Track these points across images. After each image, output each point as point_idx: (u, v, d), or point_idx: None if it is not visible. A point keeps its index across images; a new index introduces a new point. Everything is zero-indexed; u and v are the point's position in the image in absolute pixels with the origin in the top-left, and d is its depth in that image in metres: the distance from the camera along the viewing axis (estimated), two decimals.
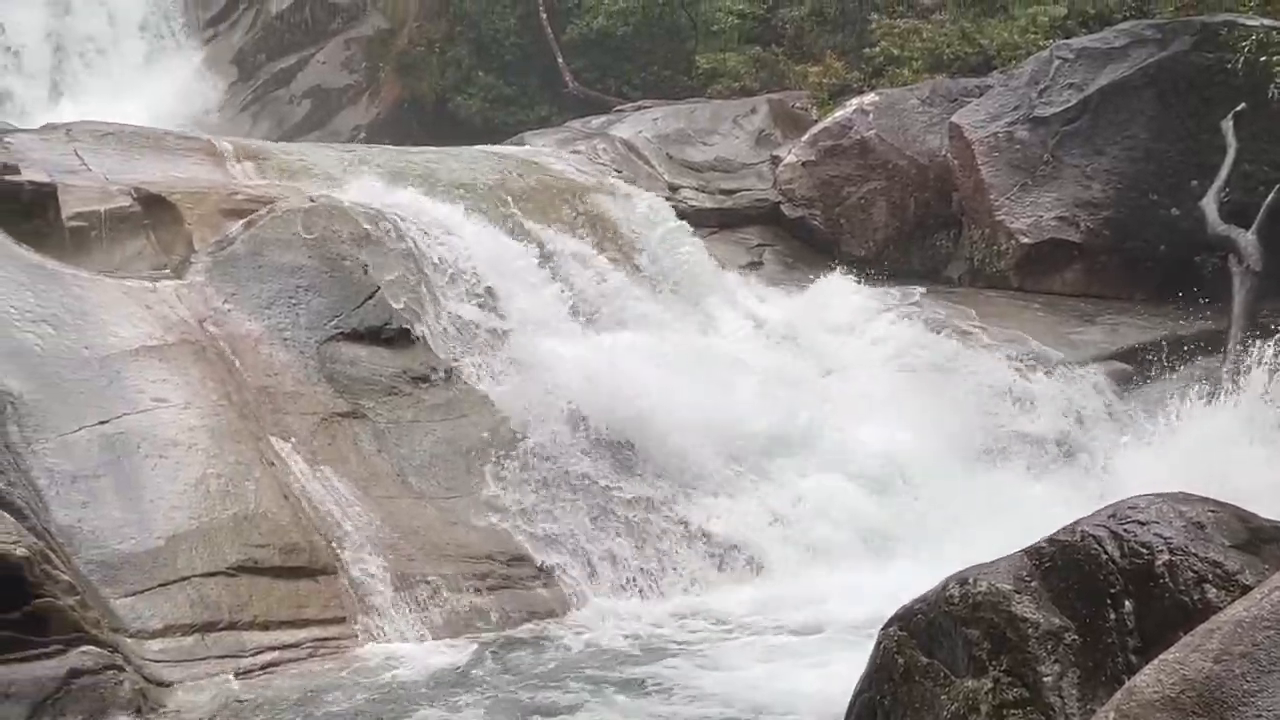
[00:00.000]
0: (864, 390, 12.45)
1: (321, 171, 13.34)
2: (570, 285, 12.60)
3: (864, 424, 11.90)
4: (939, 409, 12.10)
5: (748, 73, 20.72)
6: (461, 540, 9.78)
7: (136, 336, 9.96)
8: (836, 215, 15.90)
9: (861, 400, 12.24)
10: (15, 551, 6.98)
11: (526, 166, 15.01)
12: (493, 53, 26.27)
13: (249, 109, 27.54)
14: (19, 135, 12.85)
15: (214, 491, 8.98)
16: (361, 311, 11.15)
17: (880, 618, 5.29)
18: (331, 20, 28.47)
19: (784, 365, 12.67)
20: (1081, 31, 16.56)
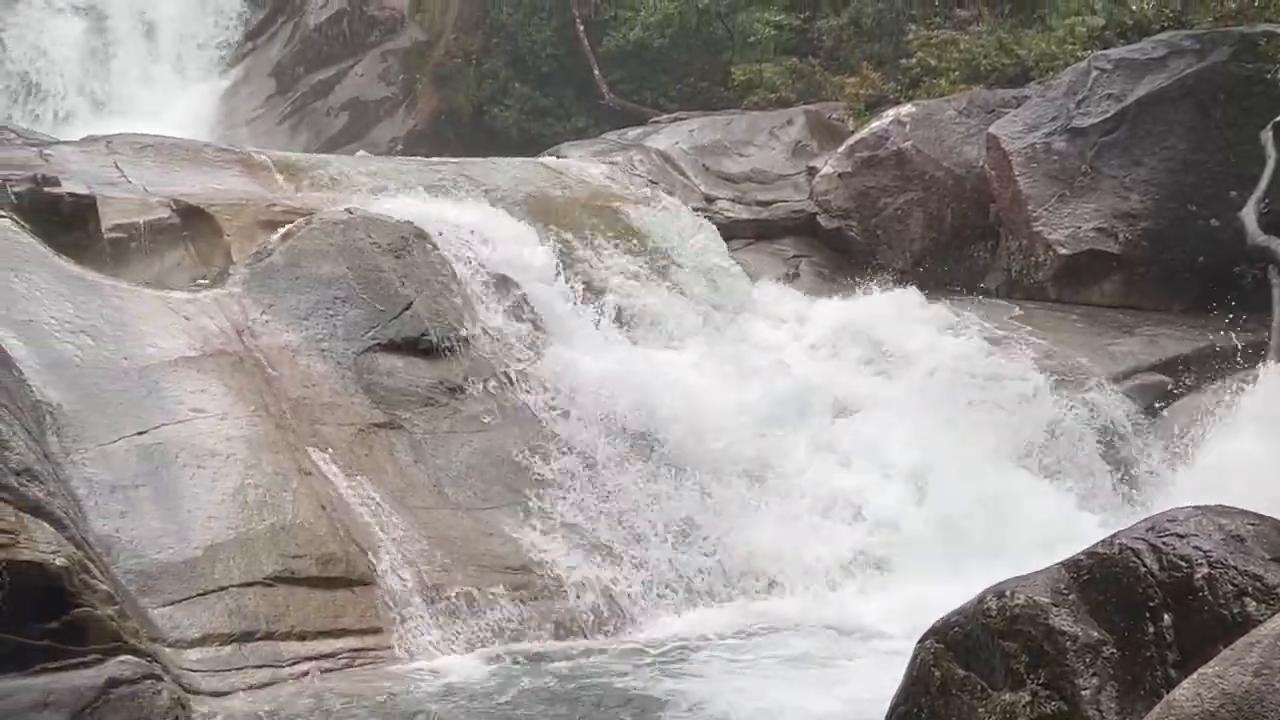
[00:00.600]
0: (901, 401, 12.38)
1: (359, 183, 13.38)
2: (606, 296, 12.61)
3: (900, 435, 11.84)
4: (975, 419, 12.04)
5: (784, 84, 20.70)
6: (498, 551, 9.78)
7: (175, 347, 10.00)
8: (873, 226, 15.88)
9: (898, 411, 12.18)
10: (54, 561, 7.01)
11: (563, 178, 15.03)
12: (529, 64, 26.33)
13: (287, 121, 27.67)
14: (59, 147, 12.94)
15: (251, 502, 9.00)
16: (398, 322, 11.18)
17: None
18: (369, 33, 28.59)
19: (821, 376, 12.63)
20: (1119, 42, 16.47)
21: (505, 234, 12.60)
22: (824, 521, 10.98)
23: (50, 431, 8.69)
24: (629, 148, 17.32)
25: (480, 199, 13.27)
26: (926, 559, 10.56)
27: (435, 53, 27.95)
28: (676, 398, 11.36)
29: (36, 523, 7.16)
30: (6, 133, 13.07)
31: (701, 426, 11.21)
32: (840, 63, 20.62)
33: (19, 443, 7.68)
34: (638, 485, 10.74)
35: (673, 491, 10.79)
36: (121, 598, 7.62)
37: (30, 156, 12.21)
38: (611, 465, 10.81)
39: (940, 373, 12.71)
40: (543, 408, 11.12)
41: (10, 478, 7.23)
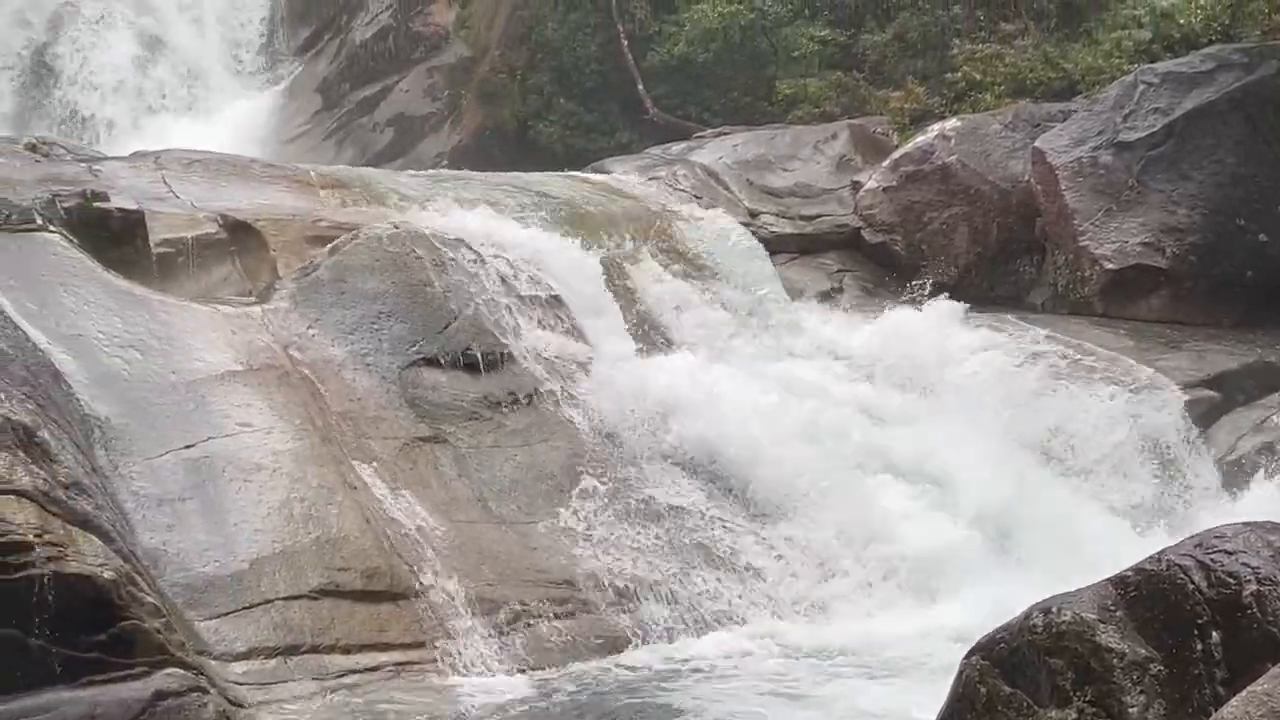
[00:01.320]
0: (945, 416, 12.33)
1: (404, 198, 13.43)
2: (650, 311, 12.62)
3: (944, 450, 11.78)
4: (1022, 435, 11.99)
5: (828, 98, 20.67)
6: (541, 565, 9.79)
7: (222, 362, 10.07)
8: (918, 241, 15.83)
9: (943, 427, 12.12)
10: (102, 574, 7.06)
11: (607, 193, 15.06)
12: (573, 80, 26.39)
13: (333, 136, 27.82)
14: (108, 163, 13.04)
15: (297, 515, 9.04)
16: (443, 337, 11.21)
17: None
18: (414, 49, 28.72)
19: (865, 391, 12.59)
20: (1166, 56, 16.38)
21: (549, 249, 12.64)
22: (869, 539, 10.91)
23: (98, 445, 8.76)
24: (673, 162, 17.32)
25: (525, 214, 13.30)
26: (973, 576, 10.49)
27: (480, 68, 28.05)
28: (720, 414, 11.34)
29: (85, 536, 7.22)
30: (56, 148, 13.17)
31: (743, 442, 11.18)
32: (885, 77, 20.58)
33: (68, 456, 7.75)
34: (679, 500, 10.72)
35: (717, 508, 10.76)
36: (168, 610, 7.67)
37: (80, 172, 12.30)
38: (654, 480, 10.81)
39: (986, 388, 12.65)
40: (585, 423, 11.13)
41: (59, 491, 7.29)
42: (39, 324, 9.36)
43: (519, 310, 11.84)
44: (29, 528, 6.86)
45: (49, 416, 7.97)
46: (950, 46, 19.39)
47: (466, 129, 27.61)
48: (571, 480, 10.59)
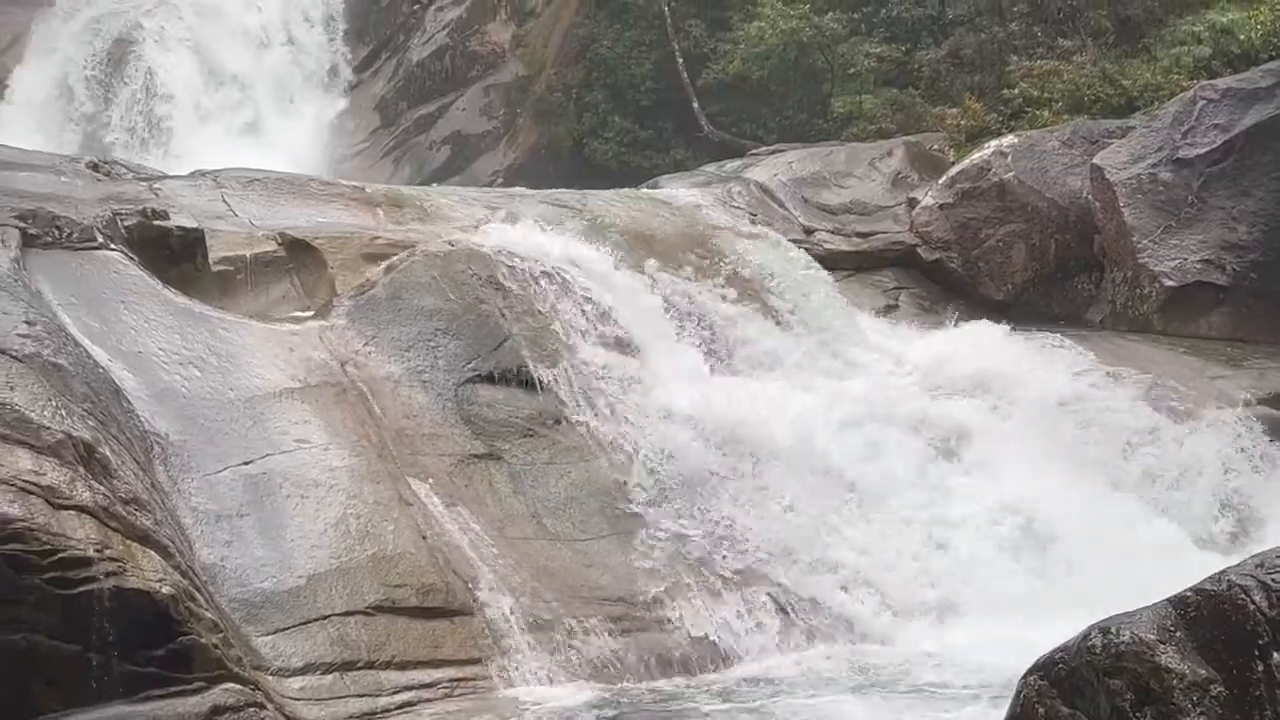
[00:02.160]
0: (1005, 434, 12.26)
1: (460, 216, 13.50)
2: (705, 329, 12.62)
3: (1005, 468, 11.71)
4: (1082, 452, 11.91)
5: (884, 115, 20.63)
6: (596, 582, 9.79)
7: (280, 378, 10.13)
8: (974, 258, 15.78)
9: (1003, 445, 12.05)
10: (161, 590, 7.12)
11: (662, 210, 15.07)
12: (629, 98, 26.46)
13: (390, 155, 28.00)
14: (168, 181, 13.17)
15: (353, 531, 9.08)
16: (498, 354, 11.26)
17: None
18: (471, 68, 28.89)
19: (922, 409, 12.52)
20: (1226, 72, 16.27)
21: (605, 266, 12.67)
22: (928, 557, 10.85)
23: (158, 461, 8.83)
24: (728, 180, 17.33)
25: (580, 231, 13.33)
26: (1032, 593, 10.42)
27: (536, 87, 28.18)
28: (776, 431, 11.31)
29: (144, 551, 7.29)
30: (118, 167, 13.33)
31: (802, 460, 11.14)
32: (941, 94, 20.53)
33: (127, 472, 7.82)
34: (738, 520, 10.69)
35: (774, 528, 10.72)
36: (226, 626, 7.72)
37: (140, 190, 12.44)
38: (711, 498, 10.78)
39: (1045, 406, 12.57)
40: (642, 440, 11.13)
41: (119, 506, 7.36)
42: (100, 341, 9.46)
43: (573, 327, 11.86)
44: (89, 543, 6.93)
45: (109, 433, 8.05)
46: (1007, 63, 19.33)
47: (522, 147, 27.74)
48: (626, 497, 10.58)
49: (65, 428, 7.45)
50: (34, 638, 6.69)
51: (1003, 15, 20.77)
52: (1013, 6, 20.76)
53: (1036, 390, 12.86)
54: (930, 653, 9.79)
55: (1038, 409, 12.59)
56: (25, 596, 6.65)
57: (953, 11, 22.03)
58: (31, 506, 6.79)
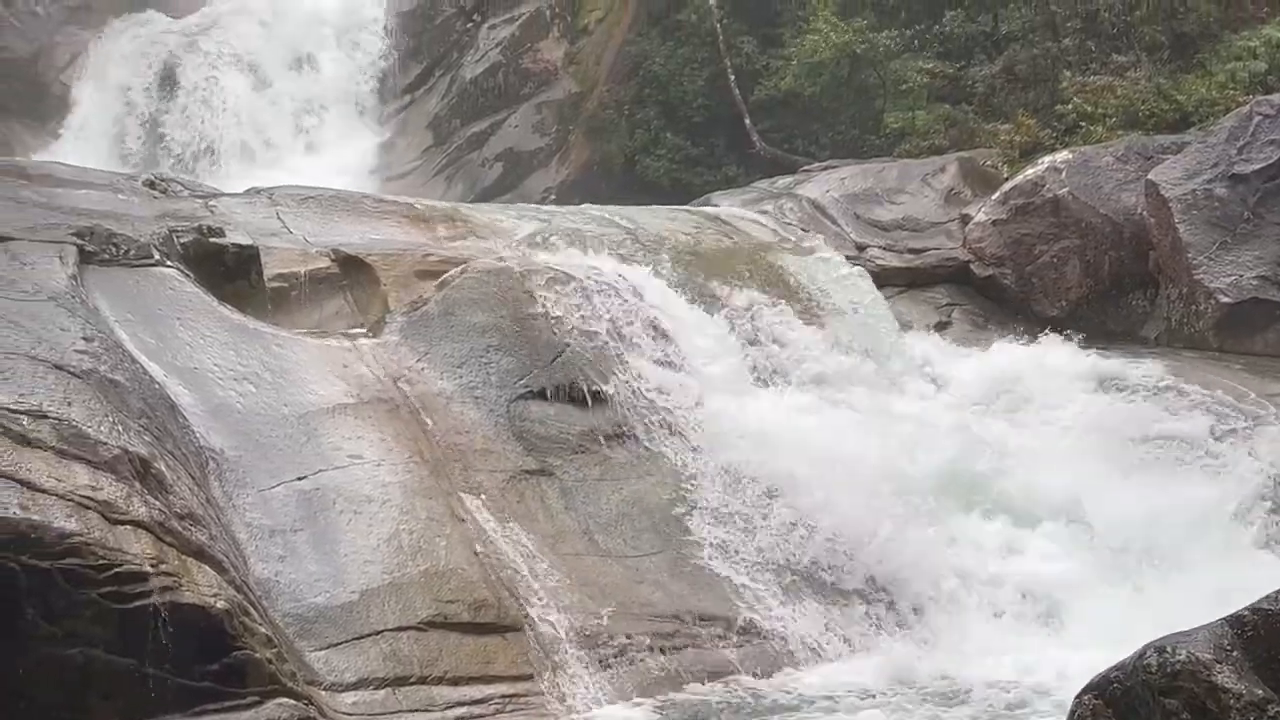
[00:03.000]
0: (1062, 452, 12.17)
1: (512, 232, 13.56)
2: (756, 345, 12.61)
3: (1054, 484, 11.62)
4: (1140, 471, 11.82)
5: (937, 131, 20.57)
6: (647, 599, 9.78)
7: (333, 394, 10.19)
8: (1028, 274, 15.70)
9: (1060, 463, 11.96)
10: (216, 604, 7.17)
11: (714, 226, 15.09)
12: (681, 114, 26.49)
13: (443, 172, 28.14)
14: (224, 199, 13.28)
15: (406, 547, 9.11)
16: (550, 370, 11.28)
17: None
18: (523, 85, 29.01)
19: (979, 427, 12.45)
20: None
21: (656, 282, 12.68)
22: (986, 573, 10.78)
23: (213, 476, 8.90)
24: (780, 196, 17.32)
25: (632, 247, 13.36)
26: (1091, 612, 10.34)
27: (588, 104, 28.26)
28: (829, 448, 11.27)
29: (199, 566, 7.34)
30: (174, 185, 13.45)
31: (856, 477, 11.09)
32: (994, 109, 20.45)
33: (183, 488, 7.89)
34: (790, 536, 10.67)
35: (827, 544, 10.68)
36: (280, 640, 7.76)
37: (196, 208, 12.55)
38: (762, 515, 10.76)
39: (1103, 424, 12.48)
40: (693, 456, 11.12)
41: (174, 521, 7.41)
42: (156, 357, 9.54)
43: (626, 343, 11.87)
44: (145, 558, 6.99)
45: (165, 448, 8.12)
46: (1061, 79, 19.23)
47: (574, 164, 27.82)
48: (678, 514, 10.58)
49: (122, 443, 7.51)
50: (90, 652, 6.75)
51: (1056, 31, 20.67)
52: (1066, 22, 20.66)
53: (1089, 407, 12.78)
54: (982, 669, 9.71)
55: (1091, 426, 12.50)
56: (82, 611, 6.71)
57: (1006, 27, 21.93)
58: (88, 521, 6.86)
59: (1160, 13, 19.67)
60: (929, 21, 23.23)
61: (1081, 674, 5.38)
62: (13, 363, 7.71)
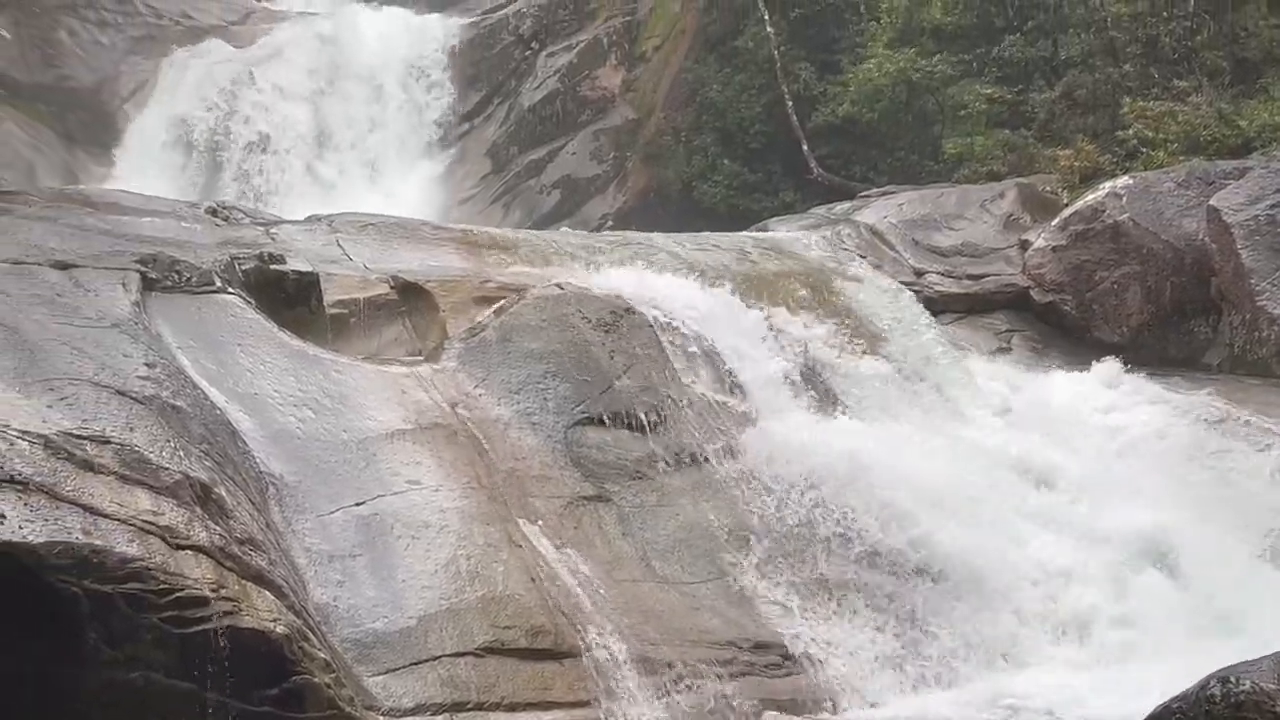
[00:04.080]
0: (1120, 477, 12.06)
1: (570, 259, 13.59)
2: (816, 372, 12.58)
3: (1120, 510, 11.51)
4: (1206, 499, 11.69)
5: (996, 157, 20.52)
6: (705, 626, 9.75)
7: (392, 420, 10.22)
8: (1088, 300, 15.60)
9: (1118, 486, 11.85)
10: (276, 629, 7.20)
11: (772, 252, 15.08)
12: (738, 140, 26.54)
13: (501, 199, 28.30)
14: (284, 226, 13.39)
15: (464, 572, 9.11)
16: (607, 396, 11.28)
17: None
18: (581, 112, 29.15)
19: (1034, 451, 12.36)
20: None
21: (714, 308, 12.68)
22: (1051, 602, 10.67)
23: (273, 502, 8.94)
24: (837, 222, 17.30)
25: (689, 273, 13.37)
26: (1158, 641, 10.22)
27: (645, 130, 28.36)
28: (889, 478, 11.21)
29: (259, 591, 7.38)
30: (236, 213, 13.58)
31: (916, 503, 11.03)
32: (1054, 135, 20.38)
33: (243, 513, 7.93)
34: (848, 564, 10.61)
35: (888, 570, 10.62)
36: (338, 665, 7.78)
37: (257, 235, 12.66)
38: (820, 543, 10.71)
39: (1168, 451, 12.36)
40: (751, 483, 11.09)
41: (234, 546, 7.46)
42: (217, 383, 9.61)
43: (683, 369, 11.87)
44: (205, 582, 7.02)
45: (225, 474, 8.17)
46: (1121, 104, 19.15)
47: (632, 190, 27.91)
48: (736, 541, 10.54)
49: (183, 469, 7.57)
50: (151, 675, 6.79)
51: (1116, 56, 20.59)
52: (1127, 48, 20.57)
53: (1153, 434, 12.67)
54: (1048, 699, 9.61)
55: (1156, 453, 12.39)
56: (143, 635, 6.75)
57: (1065, 53, 21.87)
58: (150, 546, 6.91)
59: (1222, 38, 19.55)
60: (987, 46, 23.19)
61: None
62: (76, 389, 7.78)
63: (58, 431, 7.13)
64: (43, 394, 7.60)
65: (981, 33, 23.74)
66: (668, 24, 30.00)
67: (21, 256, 9.81)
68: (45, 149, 28.44)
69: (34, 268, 9.64)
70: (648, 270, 13.18)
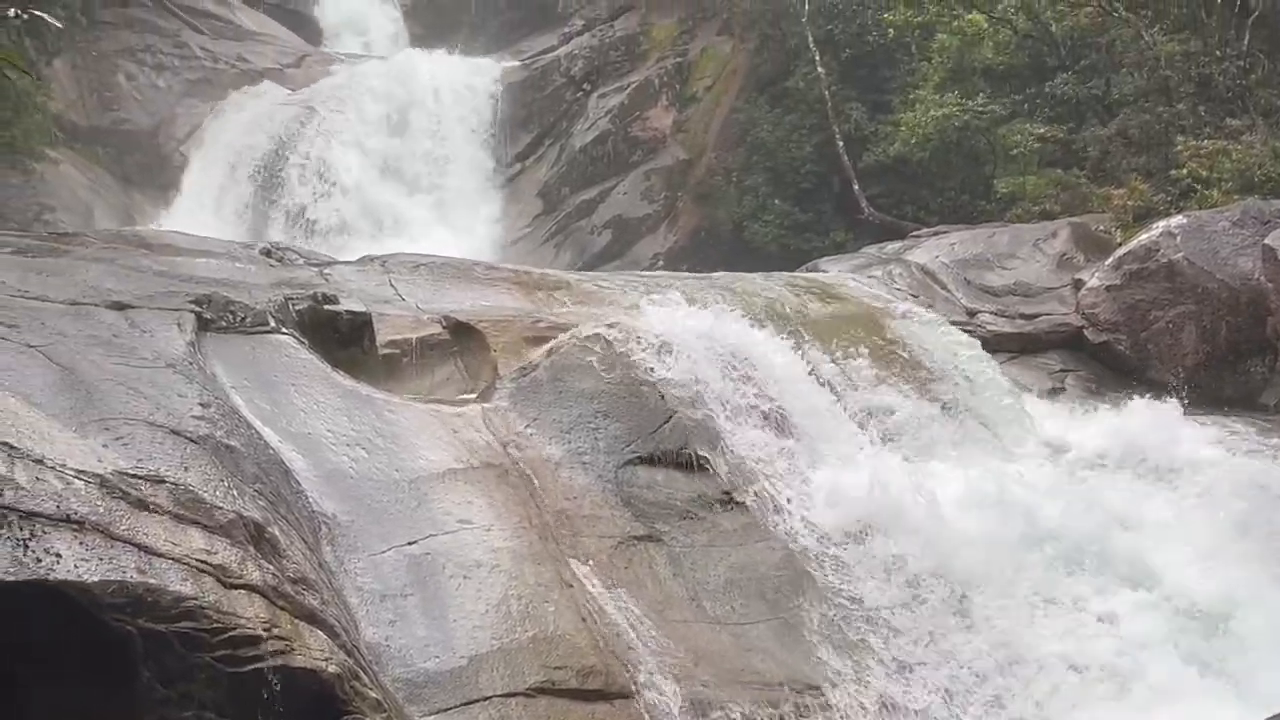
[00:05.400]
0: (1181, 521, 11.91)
1: (620, 299, 13.61)
2: (866, 412, 12.54)
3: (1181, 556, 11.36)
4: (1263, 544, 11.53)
5: (1048, 196, 20.46)
6: (756, 667, 9.69)
7: (444, 459, 10.24)
8: (1143, 340, 15.50)
9: (1184, 535, 11.69)
10: (327, 669, 7.20)
11: (822, 292, 15.06)
12: (789, 180, 26.58)
13: (553, 239, 28.43)
14: (338, 267, 13.47)
15: (515, 612, 9.10)
16: (657, 436, 11.27)
17: None
18: (632, 153, 29.28)
19: (1091, 493, 12.25)
20: None
21: (765, 348, 12.67)
22: (1117, 656, 10.51)
23: (325, 541, 8.96)
24: (888, 261, 17.27)
25: (741, 312, 13.36)
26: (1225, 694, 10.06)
27: (696, 171, 28.46)
28: (941, 519, 11.14)
29: (311, 630, 7.39)
30: (290, 253, 13.68)
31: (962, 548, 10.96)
32: (1107, 174, 20.30)
33: (296, 552, 7.95)
34: (899, 607, 10.54)
35: (935, 614, 10.54)
36: (390, 705, 7.78)
37: (311, 276, 12.74)
38: (870, 585, 10.65)
39: (1230, 494, 12.19)
40: (801, 525, 11.06)
41: (287, 586, 7.47)
42: (271, 423, 9.65)
43: (733, 408, 11.85)
44: (258, 622, 7.04)
45: (279, 513, 8.21)
46: (1174, 143, 19.05)
47: (682, 230, 28.00)
48: (788, 582, 10.49)
49: (236, 508, 7.60)
50: (204, 714, 6.80)
51: (1169, 95, 20.49)
52: (1180, 87, 20.48)
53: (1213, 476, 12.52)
54: None
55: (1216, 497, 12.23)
56: (196, 674, 6.76)
57: (1118, 91, 21.80)
58: (203, 585, 6.93)
59: (1276, 76, 19.46)
60: (1038, 85, 23.14)
61: None
62: (132, 428, 7.84)
63: (113, 471, 7.18)
64: (99, 433, 7.66)
65: (1033, 72, 23.73)
66: (718, 65, 30.14)
67: (79, 297, 9.90)
68: (103, 191, 28.79)
69: (91, 308, 9.72)
70: (698, 310, 13.17)
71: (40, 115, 26.22)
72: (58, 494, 6.70)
